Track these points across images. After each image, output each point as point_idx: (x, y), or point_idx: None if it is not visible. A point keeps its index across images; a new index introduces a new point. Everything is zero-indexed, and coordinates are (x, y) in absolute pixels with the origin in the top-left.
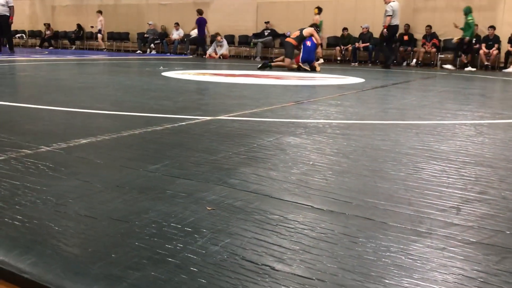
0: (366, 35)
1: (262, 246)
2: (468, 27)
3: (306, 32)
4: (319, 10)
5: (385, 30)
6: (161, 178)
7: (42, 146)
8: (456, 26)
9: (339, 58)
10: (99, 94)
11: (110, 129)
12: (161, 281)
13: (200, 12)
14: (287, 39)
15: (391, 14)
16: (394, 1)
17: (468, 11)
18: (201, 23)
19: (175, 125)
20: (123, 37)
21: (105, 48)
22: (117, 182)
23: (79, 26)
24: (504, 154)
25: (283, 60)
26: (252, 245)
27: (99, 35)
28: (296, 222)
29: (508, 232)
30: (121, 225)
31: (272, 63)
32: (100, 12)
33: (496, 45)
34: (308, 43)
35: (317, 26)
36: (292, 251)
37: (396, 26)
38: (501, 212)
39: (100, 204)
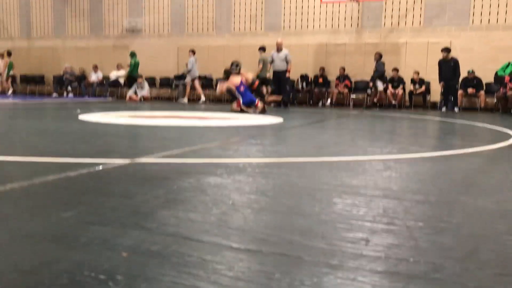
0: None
1: None
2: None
3: (230, 84)
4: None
5: (288, 73)
6: (74, 225)
7: None
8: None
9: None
10: (10, 140)
11: (20, 177)
12: None
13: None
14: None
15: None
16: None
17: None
18: None
19: (92, 169)
20: (37, 80)
21: (9, 92)
22: (26, 232)
23: None
24: (409, 186)
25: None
26: None
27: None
28: (214, 263)
29: (411, 260)
30: (30, 277)
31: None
32: (1, 55)
33: (401, 86)
34: (241, 89)
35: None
36: None
37: (274, 72)
38: (406, 241)
39: (7, 256)
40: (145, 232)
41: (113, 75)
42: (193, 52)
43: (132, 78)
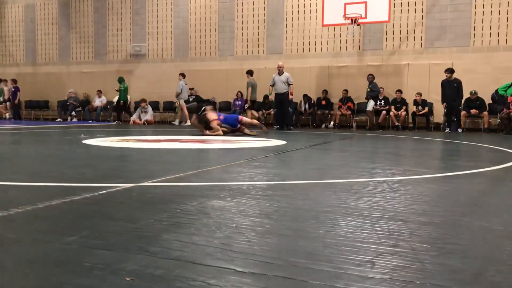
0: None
1: None
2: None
3: (210, 118)
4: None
5: (291, 96)
6: (78, 250)
7: None
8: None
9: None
10: (14, 165)
11: (24, 202)
12: None
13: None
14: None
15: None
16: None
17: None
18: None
19: (95, 194)
20: (42, 105)
21: (10, 117)
22: (30, 257)
23: None
24: (413, 208)
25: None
26: None
27: (3, 104)
28: (218, 287)
29: (417, 282)
30: None
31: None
32: (5, 80)
33: (404, 107)
34: (221, 117)
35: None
36: None
37: (275, 94)
38: (412, 263)
39: (10, 282)
40: (148, 257)
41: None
42: (183, 75)
43: (124, 103)
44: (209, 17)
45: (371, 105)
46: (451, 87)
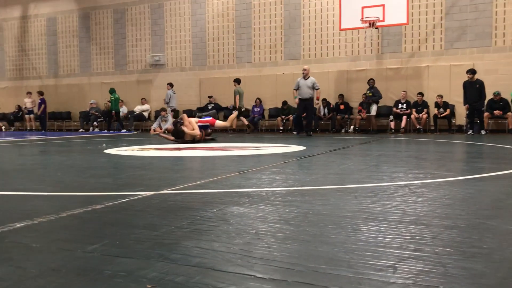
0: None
1: None
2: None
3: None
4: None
5: (317, 101)
6: (99, 258)
7: None
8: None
9: (281, 128)
10: (37, 176)
11: (47, 211)
12: None
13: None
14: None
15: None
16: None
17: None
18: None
19: (116, 202)
20: (64, 116)
21: (33, 128)
22: (53, 265)
23: (18, 107)
24: (436, 211)
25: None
26: None
27: (27, 116)
28: None
29: (441, 287)
30: None
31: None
32: (29, 93)
33: (425, 110)
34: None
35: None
36: None
37: (300, 99)
38: (434, 267)
39: None
40: (169, 264)
41: (138, 109)
42: (171, 85)
43: (116, 113)
44: (226, 25)
45: (374, 109)
46: (473, 88)
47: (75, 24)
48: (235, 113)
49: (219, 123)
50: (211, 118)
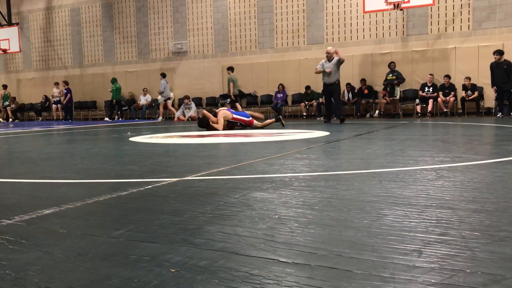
0: None
1: None
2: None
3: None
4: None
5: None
6: (124, 243)
7: (3, 220)
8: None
9: (304, 114)
10: (64, 164)
11: (74, 198)
12: None
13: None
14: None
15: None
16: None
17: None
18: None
19: (141, 189)
20: (90, 105)
21: (61, 119)
22: (79, 250)
23: (45, 97)
24: (463, 195)
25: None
26: None
27: (54, 106)
28: (261, 277)
29: (468, 271)
30: None
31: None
32: (57, 83)
33: (452, 93)
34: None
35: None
36: None
37: (324, 85)
38: (461, 251)
39: (61, 274)
40: (193, 248)
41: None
42: (163, 75)
43: (117, 102)
44: (248, 11)
45: (397, 92)
46: (500, 70)
47: (98, 13)
48: (272, 120)
49: (256, 123)
50: (250, 118)
